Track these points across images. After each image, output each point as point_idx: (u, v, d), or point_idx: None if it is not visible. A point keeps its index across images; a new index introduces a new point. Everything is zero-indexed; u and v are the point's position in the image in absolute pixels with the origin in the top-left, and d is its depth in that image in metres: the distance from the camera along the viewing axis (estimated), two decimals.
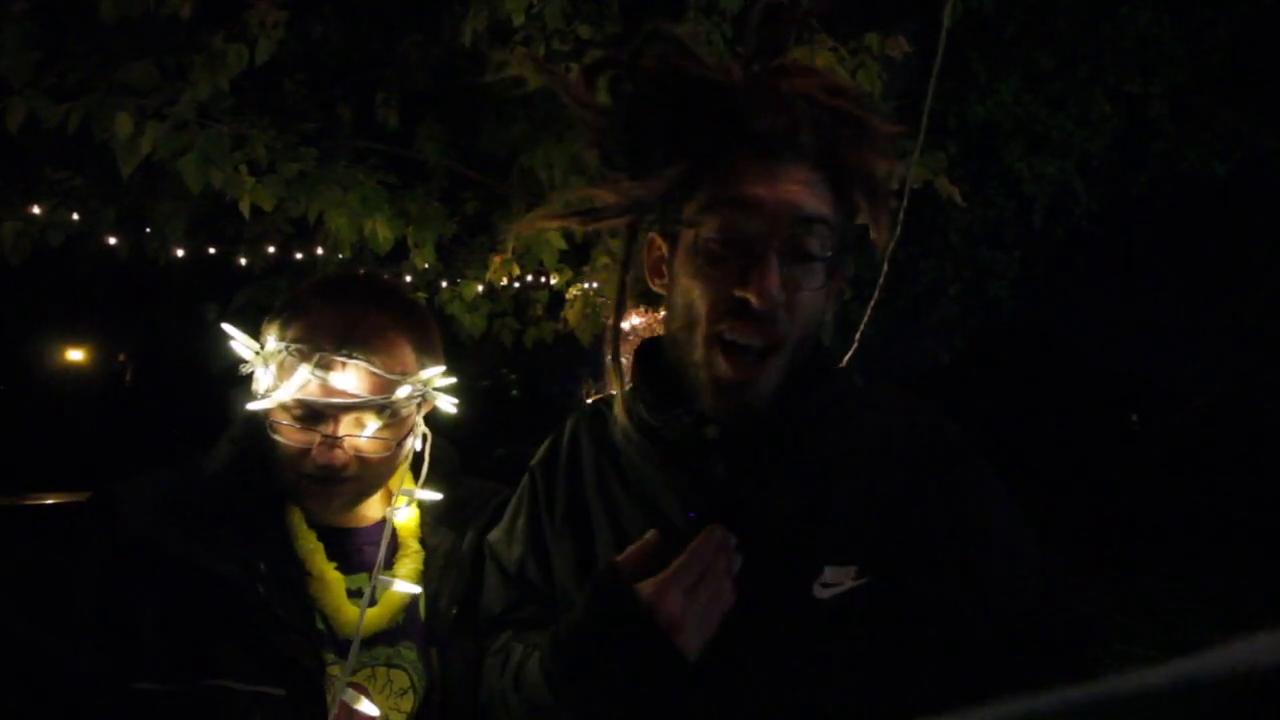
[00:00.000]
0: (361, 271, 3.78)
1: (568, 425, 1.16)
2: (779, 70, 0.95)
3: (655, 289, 1.05)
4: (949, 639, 0.93)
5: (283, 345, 1.08)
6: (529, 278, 4.37)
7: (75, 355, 14.92)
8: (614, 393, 1.11)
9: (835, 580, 0.92)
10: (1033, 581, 0.99)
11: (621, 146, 0.98)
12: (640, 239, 1.04)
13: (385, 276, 3.96)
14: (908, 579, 0.93)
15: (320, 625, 1.09)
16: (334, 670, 1.07)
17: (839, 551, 0.94)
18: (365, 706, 1.05)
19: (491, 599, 1.12)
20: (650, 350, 1.06)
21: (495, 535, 1.15)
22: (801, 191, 0.92)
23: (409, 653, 1.15)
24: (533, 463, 1.15)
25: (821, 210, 0.93)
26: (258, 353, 1.12)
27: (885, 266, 2.98)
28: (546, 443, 1.16)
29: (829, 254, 0.94)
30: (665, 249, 1.02)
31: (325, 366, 1.06)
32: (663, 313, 1.02)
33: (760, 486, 0.97)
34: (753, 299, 0.90)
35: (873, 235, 1.01)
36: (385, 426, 1.11)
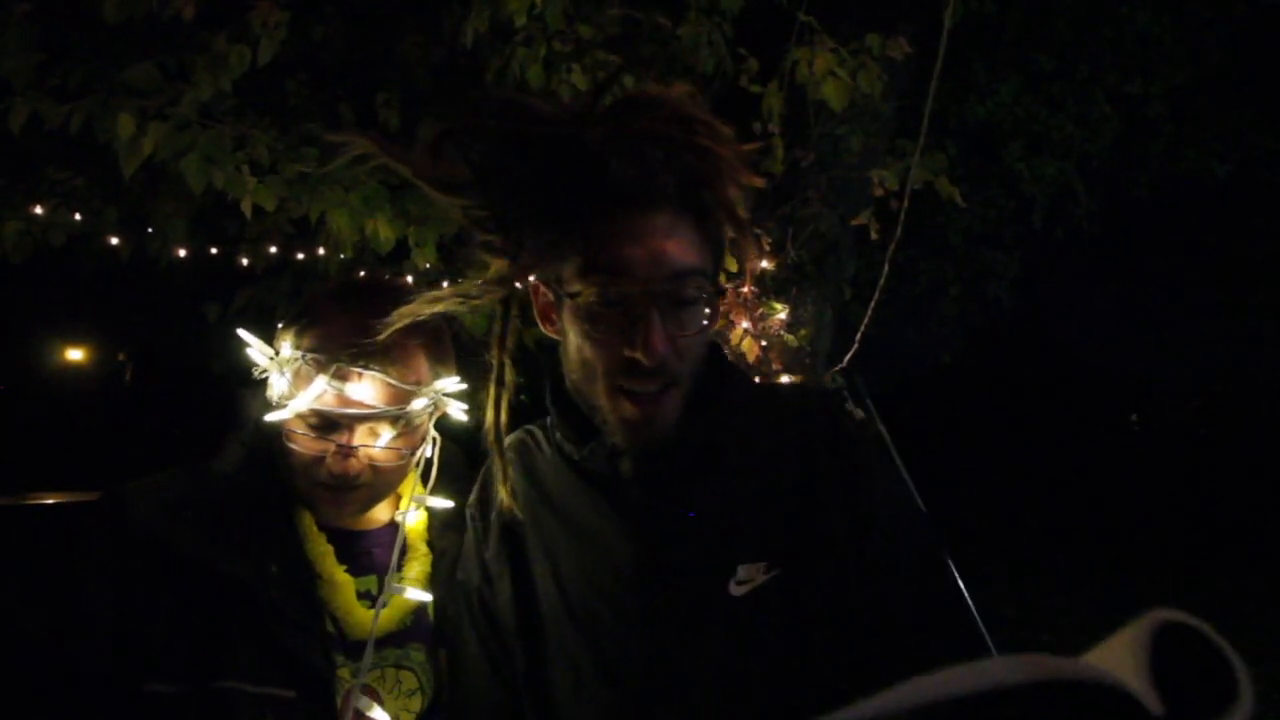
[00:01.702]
0: (373, 276, 3.78)
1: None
2: (627, 109, 0.95)
3: (548, 334, 1.08)
4: (849, 619, 0.99)
5: (299, 354, 1.08)
6: (530, 278, 4.36)
7: (75, 355, 14.91)
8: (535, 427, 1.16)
9: (748, 577, 0.99)
10: (913, 549, 1.06)
11: (487, 216, 0.99)
12: (514, 313, 1.08)
13: (387, 276, 3.97)
14: (811, 565, 1.00)
15: (330, 628, 1.10)
16: (343, 672, 1.08)
17: (750, 549, 1.00)
18: (377, 713, 1.07)
19: (456, 639, 1.14)
20: (562, 388, 1.09)
21: (459, 574, 1.17)
22: (671, 244, 0.94)
23: (417, 654, 1.16)
24: (469, 501, 1.17)
25: (691, 260, 0.96)
26: (272, 359, 1.12)
27: (886, 268, 2.99)
28: (480, 478, 1.18)
29: (705, 295, 0.98)
30: (550, 296, 1.04)
31: (341, 378, 1.06)
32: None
33: (673, 504, 1.03)
34: (642, 358, 0.94)
35: (741, 258, 1.06)
36: (399, 436, 1.12)
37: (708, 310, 0.99)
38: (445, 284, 4.52)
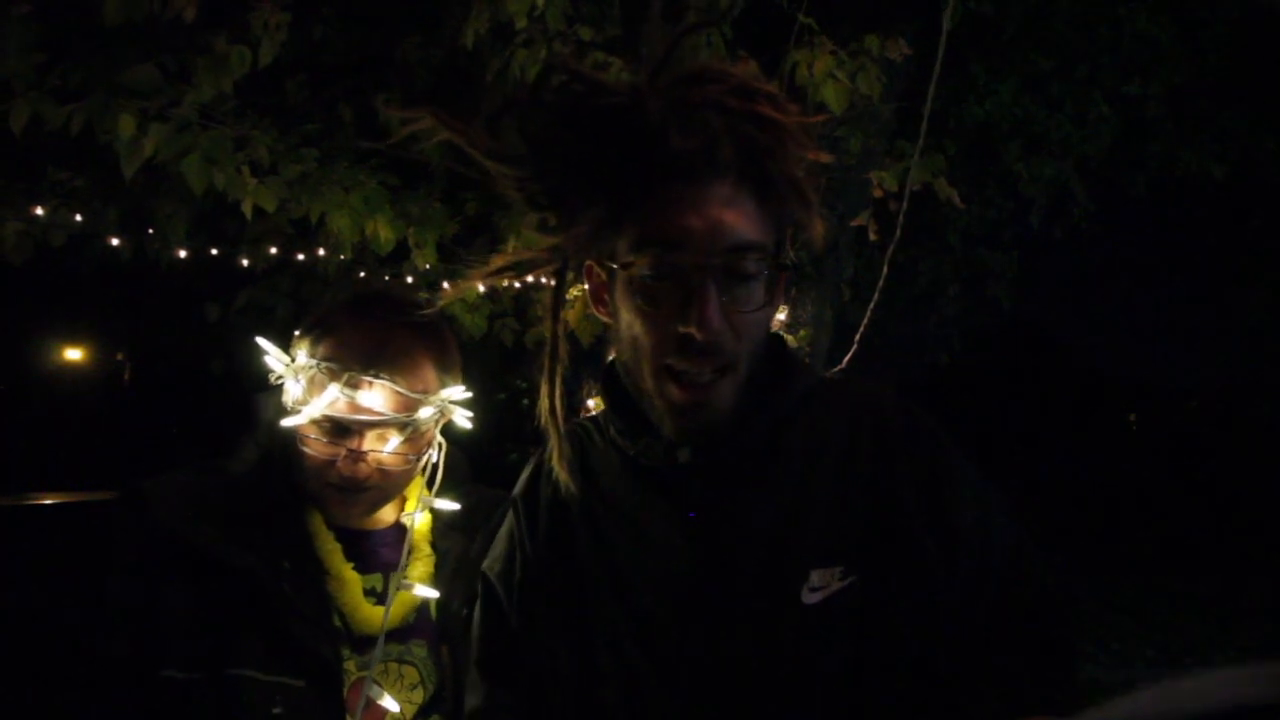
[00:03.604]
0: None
1: (548, 448, 1.10)
2: (688, 80, 0.92)
3: (600, 316, 1.04)
4: (933, 631, 0.93)
5: (313, 362, 1.14)
6: (530, 278, 4.37)
7: (74, 355, 14.92)
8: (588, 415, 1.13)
9: (822, 583, 0.92)
10: (1003, 552, 1.00)
11: (541, 189, 0.96)
12: (567, 286, 1.03)
13: (387, 279, 3.98)
14: (892, 572, 0.93)
15: (337, 622, 1.15)
16: (349, 664, 1.14)
17: (823, 553, 0.94)
18: (388, 702, 1.12)
19: (478, 634, 1.09)
20: (614, 377, 1.06)
21: (490, 564, 1.12)
22: (730, 216, 0.90)
23: (419, 650, 1.21)
24: (515, 493, 1.13)
25: (752, 235, 0.92)
26: (288, 365, 1.18)
27: (885, 268, 3.00)
28: (528, 470, 1.14)
29: (766, 272, 0.94)
30: (604, 276, 1.01)
31: (353, 385, 1.12)
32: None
33: (737, 501, 0.97)
34: (695, 333, 0.89)
35: (806, 234, 0.99)
36: (406, 441, 1.17)
37: (768, 289, 0.94)
38: (446, 284, 4.53)
